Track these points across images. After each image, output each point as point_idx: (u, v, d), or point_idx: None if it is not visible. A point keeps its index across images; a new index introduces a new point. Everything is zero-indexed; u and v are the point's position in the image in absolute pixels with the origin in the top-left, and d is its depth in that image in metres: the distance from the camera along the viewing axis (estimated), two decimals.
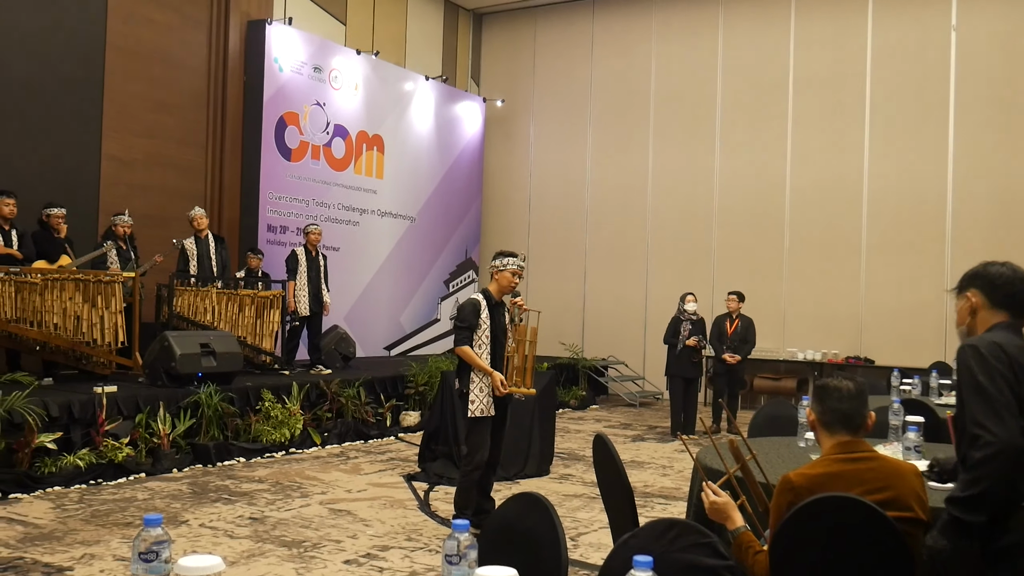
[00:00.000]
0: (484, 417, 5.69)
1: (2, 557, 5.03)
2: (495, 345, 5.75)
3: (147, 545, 1.85)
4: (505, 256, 5.81)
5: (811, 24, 13.08)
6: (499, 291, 5.82)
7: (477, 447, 5.71)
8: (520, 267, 5.83)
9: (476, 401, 5.66)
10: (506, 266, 5.77)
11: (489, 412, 5.68)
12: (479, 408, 5.66)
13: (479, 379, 5.67)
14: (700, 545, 2.40)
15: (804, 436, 4.24)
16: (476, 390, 5.67)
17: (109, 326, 8.18)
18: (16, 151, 9.40)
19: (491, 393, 5.67)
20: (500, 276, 5.78)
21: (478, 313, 5.69)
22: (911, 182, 12.33)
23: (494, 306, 5.79)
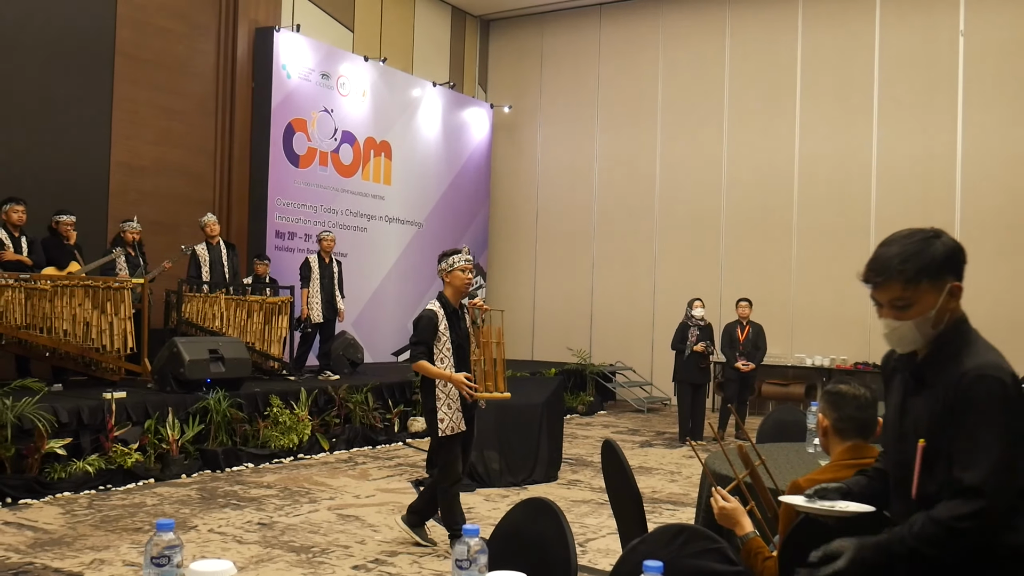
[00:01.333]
0: (455, 434, 5.38)
1: (12, 563, 5.05)
2: (459, 353, 5.40)
3: (159, 550, 1.86)
4: (450, 255, 5.47)
5: (819, 30, 13.07)
6: (455, 294, 5.46)
7: (450, 464, 5.41)
8: (469, 261, 5.48)
9: (445, 419, 5.32)
10: (454, 265, 5.42)
11: (460, 428, 5.36)
12: (449, 427, 5.33)
13: (445, 395, 5.33)
14: (710, 551, 2.40)
15: (813, 442, 4.23)
16: (443, 407, 5.33)
17: (118, 332, 8.21)
18: (26, 158, 9.45)
19: (459, 408, 5.34)
20: (452, 277, 5.43)
21: (435, 328, 5.32)
22: (919, 190, 12.31)
23: (452, 313, 5.42)
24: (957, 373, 2.16)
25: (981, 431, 2.08)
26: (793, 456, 4.11)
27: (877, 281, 2.29)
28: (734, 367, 10.44)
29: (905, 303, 2.25)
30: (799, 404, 11.23)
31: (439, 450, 5.49)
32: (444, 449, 5.43)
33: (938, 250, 2.24)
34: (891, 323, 2.29)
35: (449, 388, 5.33)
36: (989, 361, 2.16)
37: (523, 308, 15.40)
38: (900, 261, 2.23)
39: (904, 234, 2.32)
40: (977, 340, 2.26)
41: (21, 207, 8.24)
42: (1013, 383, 2.12)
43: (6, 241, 8.16)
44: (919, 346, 2.28)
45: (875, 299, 2.33)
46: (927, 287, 2.22)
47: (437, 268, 5.54)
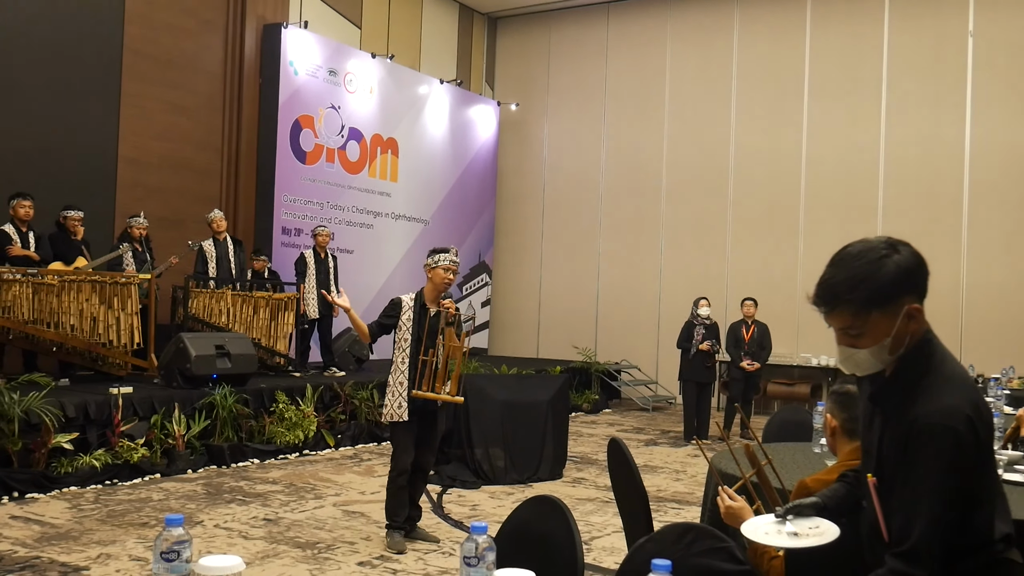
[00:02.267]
0: (399, 422, 5.41)
1: (19, 556, 5.07)
2: (416, 346, 5.43)
3: (168, 545, 1.87)
4: (437, 253, 5.51)
5: (827, 29, 13.05)
6: (433, 290, 5.51)
7: (397, 452, 5.48)
8: (454, 263, 5.51)
9: (388, 406, 5.44)
10: (438, 263, 5.46)
11: (400, 417, 5.38)
12: (389, 413, 5.42)
13: (394, 381, 5.43)
14: (716, 550, 2.40)
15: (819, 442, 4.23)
16: (389, 394, 5.44)
17: (125, 327, 8.23)
18: (34, 153, 9.48)
19: (404, 398, 5.38)
20: (433, 274, 5.49)
21: (395, 314, 5.48)
22: (927, 189, 12.29)
23: (421, 307, 5.48)
24: (909, 417, 2.01)
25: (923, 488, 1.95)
26: (799, 456, 4.11)
27: (824, 310, 2.11)
28: (739, 366, 10.43)
29: (857, 332, 2.07)
30: (805, 404, 11.24)
31: (390, 437, 5.66)
32: (392, 437, 5.58)
33: (889, 271, 2.07)
34: (846, 350, 2.12)
35: (396, 377, 5.44)
36: (943, 406, 1.98)
37: (528, 306, 15.41)
38: (847, 288, 2.05)
39: (854, 252, 2.13)
40: (939, 368, 2.10)
41: (28, 202, 8.28)
42: (967, 428, 1.96)
43: (13, 236, 8.19)
44: (879, 369, 2.13)
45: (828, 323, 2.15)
46: (878, 316, 2.05)
47: (424, 262, 5.63)
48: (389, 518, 5.58)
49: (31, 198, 8.30)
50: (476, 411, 7.82)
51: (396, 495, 5.54)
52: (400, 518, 5.55)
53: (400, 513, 5.55)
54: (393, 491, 5.54)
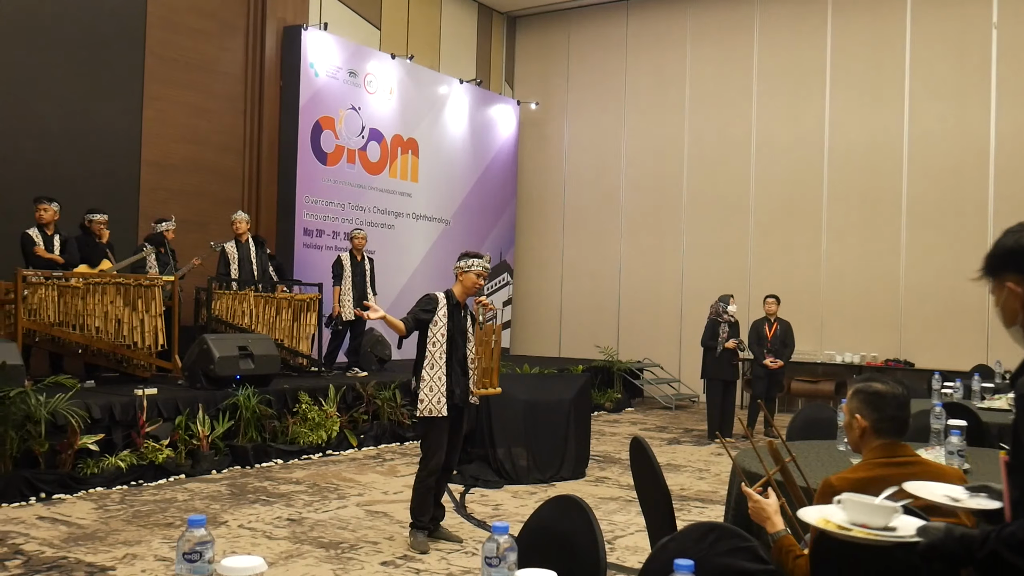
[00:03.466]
0: (435, 418, 5.44)
1: (47, 557, 5.11)
2: (451, 346, 5.50)
3: (191, 545, 1.87)
4: (470, 257, 5.59)
5: (849, 23, 12.94)
6: (463, 293, 5.59)
7: (432, 450, 5.49)
8: (485, 269, 5.59)
9: (425, 400, 5.41)
10: (471, 267, 5.53)
11: (440, 412, 5.40)
12: (428, 408, 5.40)
13: (429, 377, 5.43)
14: (740, 549, 2.38)
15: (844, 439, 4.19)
16: (425, 388, 5.42)
17: (149, 329, 8.29)
18: (59, 157, 9.57)
19: (443, 393, 5.41)
20: (464, 277, 5.56)
21: (432, 309, 5.49)
22: (951, 182, 12.16)
23: (454, 306, 5.56)
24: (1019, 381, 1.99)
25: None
26: (824, 454, 4.07)
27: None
28: (762, 364, 10.37)
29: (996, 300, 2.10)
30: (829, 401, 11.15)
31: (422, 436, 5.60)
32: (427, 434, 5.54)
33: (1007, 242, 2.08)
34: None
35: (434, 371, 5.42)
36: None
37: (550, 305, 15.40)
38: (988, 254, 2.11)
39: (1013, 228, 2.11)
40: None
41: (53, 206, 8.33)
42: None
43: (37, 239, 8.26)
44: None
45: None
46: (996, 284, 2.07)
47: (455, 264, 5.64)
48: (414, 517, 5.58)
49: (55, 202, 8.37)
50: (498, 411, 7.82)
51: (425, 495, 5.55)
52: (426, 518, 5.57)
53: (426, 513, 5.56)
54: (422, 491, 5.55)
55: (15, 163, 9.22)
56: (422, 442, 5.62)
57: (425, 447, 5.55)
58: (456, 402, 5.51)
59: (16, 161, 9.23)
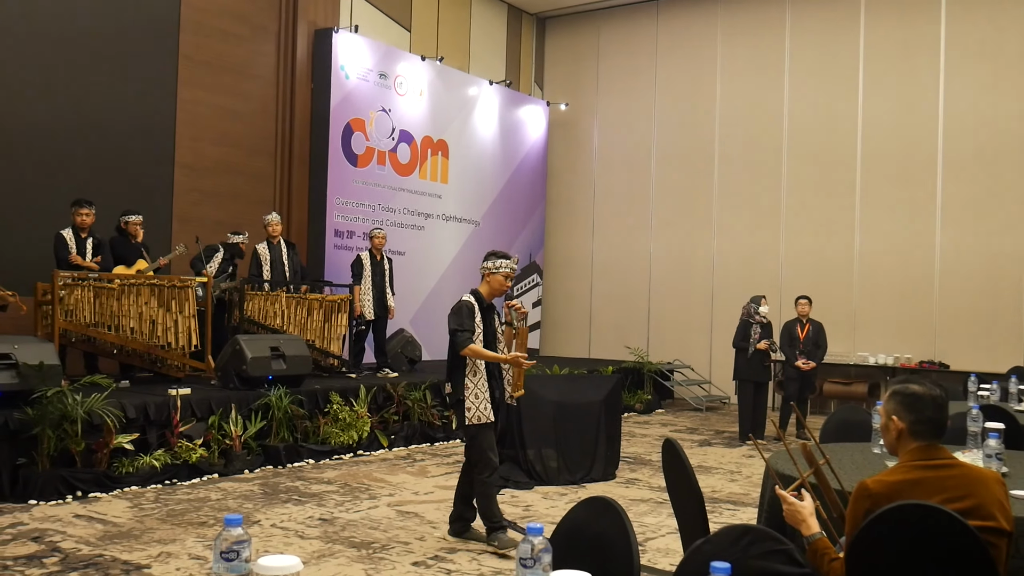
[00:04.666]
0: (484, 424, 5.42)
1: (84, 554, 5.18)
2: (487, 348, 5.47)
3: (228, 544, 1.89)
4: (498, 258, 5.52)
5: (881, 24, 12.81)
6: (490, 294, 5.55)
7: (485, 454, 5.45)
8: (513, 270, 5.53)
9: (472, 408, 5.37)
10: (499, 268, 5.48)
11: (488, 417, 5.39)
12: (476, 415, 5.37)
13: (473, 384, 5.39)
14: (776, 552, 2.36)
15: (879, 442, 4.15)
16: (471, 396, 5.38)
17: (183, 330, 8.38)
18: (94, 160, 9.71)
19: (487, 399, 5.40)
20: (492, 279, 5.50)
21: (473, 315, 5.41)
22: (987, 183, 12.00)
23: (485, 309, 5.52)
24: None
25: None
26: (858, 456, 4.04)
27: None
28: (794, 366, 10.29)
29: None
30: (862, 403, 11.04)
31: (472, 442, 5.52)
32: (476, 440, 5.47)
33: None
34: None
35: (477, 379, 5.39)
36: None
37: (580, 306, 15.37)
38: None
39: None
40: None
41: (88, 209, 8.44)
42: None
43: (70, 242, 8.34)
44: None
45: None
46: None
47: (481, 264, 5.59)
48: (489, 522, 5.52)
49: (91, 205, 8.47)
50: (528, 412, 7.81)
51: (492, 496, 5.53)
52: (498, 518, 5.51)
53: (497, 514, 5.52)
54: (488, 494, 5.51)
55: (50, 165, 9.35)
56: (471, 448, 5.53)
57: (477, 453, 5.48)
58: (497, 405, 5.50)
59: (51, 163, 9.37)
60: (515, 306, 5.54)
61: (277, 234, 9.92)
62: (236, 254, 9.75)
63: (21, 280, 8.08)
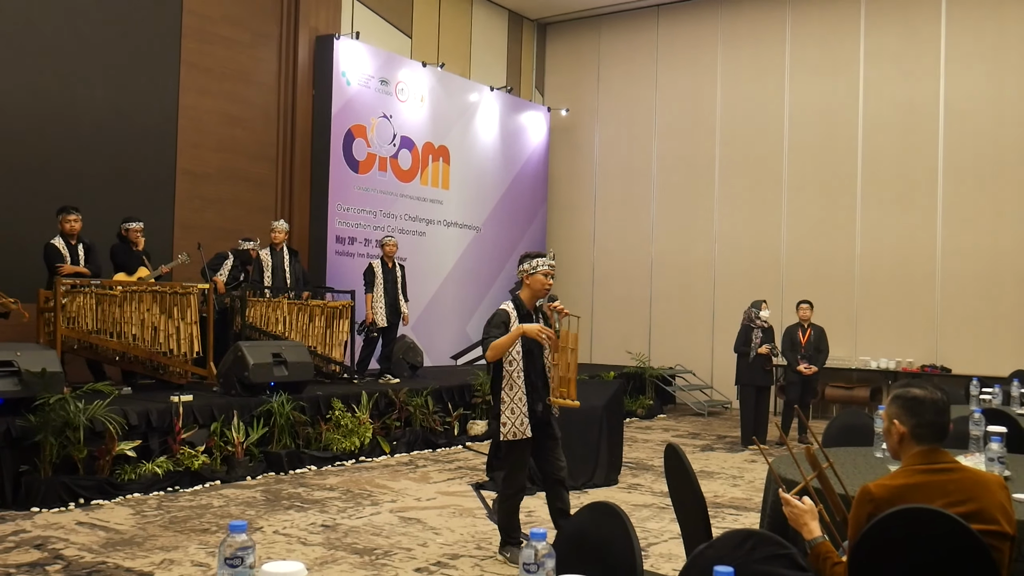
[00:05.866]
0: (520, 440, 5.16)
1: (86, 562, 5.18)
2: (528, 361, 5.17)
3: (232, 551, 1.90)
4: (533, 258, 5.23)
5: (882, 30, 12.82)
6: (532, 297, 5.26)
7: (514, 471, 5.23)
8: (551, 267, 5.24)
9: (508, 424, 5.10)
10: (536, 268, 5.18)
11: (524, 434, 5.11)
12: (511, 431, 5.09)
13: (509, 398, 5.11)
14: (779, 556, 2.36)
15: (881, 446, 4.15)
16: (507, 411, 5.10)
17: (185, 336, 8.38)
18: (97, 167, 9.72)
19: (525, 413, 5.11)
20: (532, 280, 5.21)
21: (507, 324, 5.13)
22: (991, 181, 12.01)
23: (525, 315, 5.22)
24: None
25: None
26: (861, 460, 4.04)
27: None
28: (796, 370, 10.29)
29: None
30: (864, 408, 11.03)
31: (504, 456, 5.31)
32: (507, 455, 5.27)
33: None
34: None
35: (514, 392, 5.12)
36: None
37: (581, 311, 15.35)
38: None
39: None
40: None
41: (75, 215, 8.39)
42: None
43: (63, 251, 8.31)
44: None
45: None
46: None
47: (518, 268, 5.36)
48: (505, 534, 5.42)
49: (78, 211, 8.42)
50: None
51: (511, 514, 5.38)
52: (517, 534, 5.40)
53: (516, 530, 5.40)
54: (508, 510, 5.35)
55: (52, 172, 9.37)
56: (503, 461, 5.30)
57: (508, 467, 5.27)
58: (539, 419, 5.22)
59: (52, 170, 9.38)
60: (556, 307, 5.33)
61: (280, 241, 9.92)
62: (247, 261, 9.77)
63: (23, 287, 8.09)
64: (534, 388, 5.18)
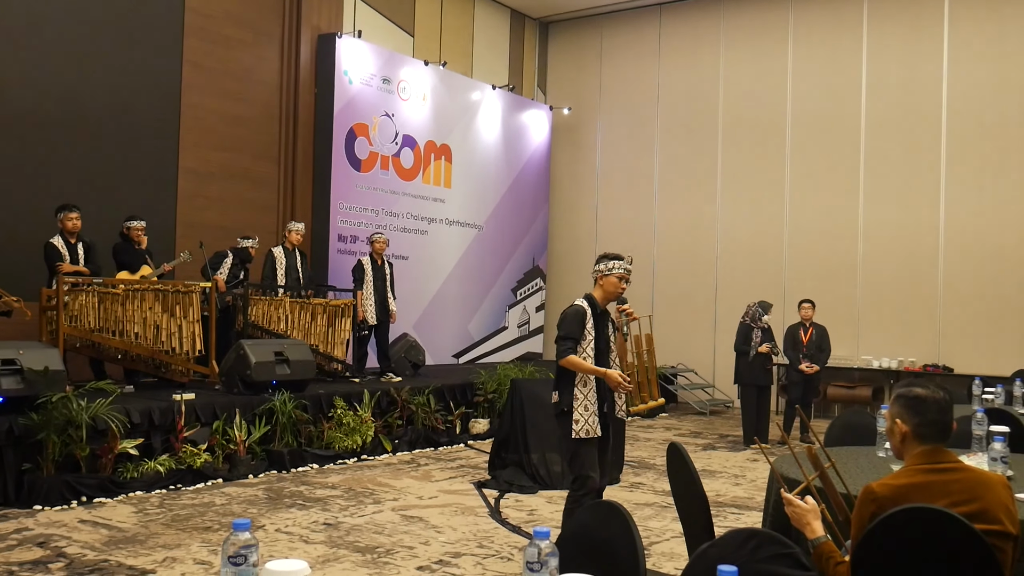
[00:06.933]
0: (590, 439, 5.02)
1: (89, 560, 5.19)
2: (599, 359, 5.05)
3: (236, 549, 1.90)
4: (610, 259, 5.13)
5: (885, 28, 12.81)
6: (604, 298, 5.14)
7: (586, 470, 5.02)
8: (627, 271, 5.13)
9: (580, 421, 4.96)
10: (611, 270, 5.08)
11: (595, 432, 4.98)
12: (584, 429, 4.96)
13: (583, 396, 4.98)
14: (782, 556, 2.36)
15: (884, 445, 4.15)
16: (580, 408, 4.97)
17: (187, 335, 8.39)
18: (97, 165, 9.72)
19: (596, 412, 5.00)
20: (605, 281, 5.11)
21: (583, 323, 5.00)
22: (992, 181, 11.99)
23: (599, 315, 5.09)
24: None
25: None
26: (863, 460, 4.03)
27: None
28: (798, 369, 10.30)
29: None
30: (866, 407, 11.03)
31: (573, 455, 5.09)
32: (579, 455, 5.06)
33: None
34: None
35: (588, 389, 5.00)
36: None
37: None
38: None
39: None
40: None
41: (75, 214, 8.36)
42: None
43: (62, 250, 8.29)
44: None
45: None
46: None
47: (593, 267, 5.24)
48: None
49: (78, 209, 8.41)
50: (532, 416, 7.82)
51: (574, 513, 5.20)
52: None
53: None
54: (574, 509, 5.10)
55: (54, 170, 9.37)
56: (572, 462, 5.10)
57: (578, 467, 5.06)
58: (606, 420, 5.10)
59: (54, 168, 9.38)
60: (626, 310, 5.22)
61: (296, 242, 10.00)
62: (246, 259, 9.77)
63: (26, 286, 8.09)
64: (603, 387, 5.07)
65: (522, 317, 14.94)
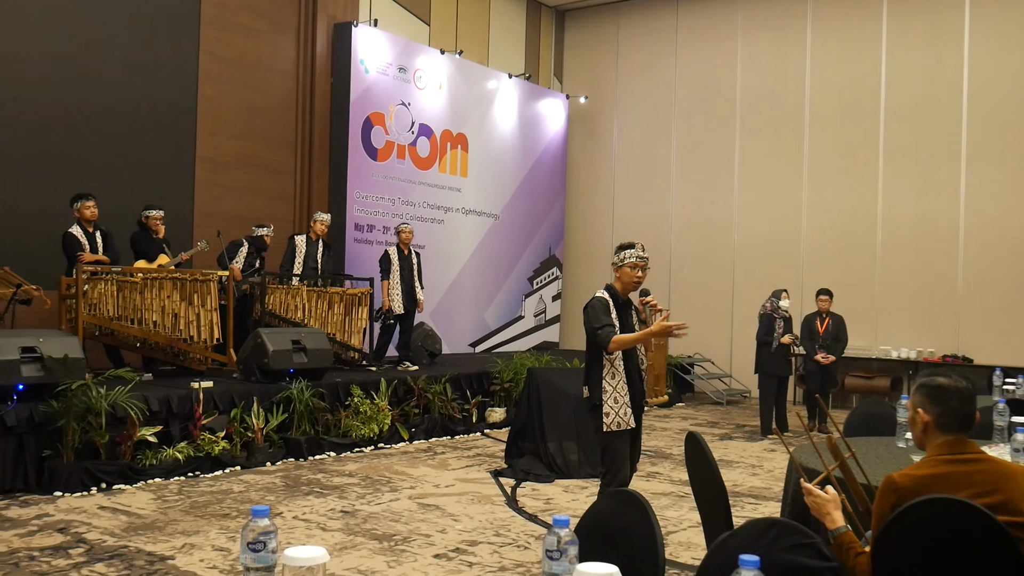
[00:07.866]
0: (622, 431, 4.92)
1: (108, 546, 5.22)
2: (627, 351, 4.97)
3: (255, 535, 1.90)
4: (624, 248, 5.06)
5: (904, 16, 12.68)
6: (623, 289, 5.07)
7: (617, 464, 4.92)
8: (640, 258, 5.03)
9: (611, 413, 4.87)
10: (624, 260, 5.01)
11: (628, 424, 4.89)
12: (615, 421, 4.87)
13: (612, 388, 4.90)
14: (803, 546, 2.35)
15: (904, 436, 4.12)
16: (610, 400, 4.89)
17: (205, 323, 8.42)
18: (116, 155, 9.76)
19: (628, 403, 4.90)
20: (621, 272, 5.04)
21: (608, 311, 4.94)
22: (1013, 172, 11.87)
23: (620, 305, 5.04)
24: None
25: None
26: (883, 450, 4.01)
27: None
28: (814, 359, 10.25)
29: None
30: (884, 397, 10.97)
31: (605, 448, 5.00)
32: (610, 447, 4.96)
33: None
34: None
35: (616, 381, 4.92)
36: None
37: None
38: None
39: None
40: None
41: (91, 202, 8.37)
42: None
43: (82, 239, 8.31)
44: None
45: None
46: None
47: (612, 258, 5.21)
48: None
49: (94, 198, 8.42)
50: (549, 405, 7.82)
51: None
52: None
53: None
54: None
55: (71, 160, 9.41)
56: (605, 455, 4.99)
57: (609, 461, 4.96)
58: (637, 411, 5.01)
59: (72, 158, 9.42)
60: (650, 302, 5.21)
61: (321, 232, 10.05)
62: (261, 247, 9.79)
63: (45, 274, 8.14)
64: (632, 379, 5.00)
65: (538, 306, 14.93)
